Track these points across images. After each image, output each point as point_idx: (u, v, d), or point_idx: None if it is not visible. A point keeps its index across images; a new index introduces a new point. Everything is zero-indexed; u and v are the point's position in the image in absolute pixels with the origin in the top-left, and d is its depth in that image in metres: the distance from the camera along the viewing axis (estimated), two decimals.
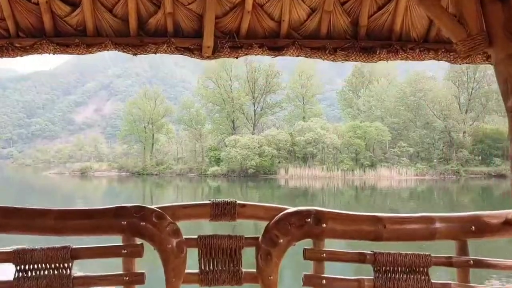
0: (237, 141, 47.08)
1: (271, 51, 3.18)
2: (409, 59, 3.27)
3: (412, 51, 3.22)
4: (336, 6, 3.15)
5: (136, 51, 3.12)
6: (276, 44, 3.19)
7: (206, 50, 3.11)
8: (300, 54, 3.17)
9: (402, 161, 49.18)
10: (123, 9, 3.09)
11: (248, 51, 3.15)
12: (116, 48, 3.10)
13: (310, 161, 49.31)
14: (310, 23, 3.19)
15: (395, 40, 3.23)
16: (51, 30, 3.08)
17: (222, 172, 47.72)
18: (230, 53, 3.14)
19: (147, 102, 60.27)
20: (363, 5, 3.14)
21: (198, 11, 3.12)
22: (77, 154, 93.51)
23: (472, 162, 50.43)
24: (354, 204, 29.63)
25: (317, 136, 47.71)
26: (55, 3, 3.03)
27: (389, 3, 3.17)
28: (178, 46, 3.13)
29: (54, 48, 3.06)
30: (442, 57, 3.24)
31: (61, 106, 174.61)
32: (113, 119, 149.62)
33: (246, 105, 57.46)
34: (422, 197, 34.63)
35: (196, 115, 58.13)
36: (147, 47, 3.10)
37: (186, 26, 3.16)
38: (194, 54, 3.16)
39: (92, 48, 3.10)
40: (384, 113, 55.99)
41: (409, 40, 3.25)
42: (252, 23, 3.16)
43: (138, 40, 3.12)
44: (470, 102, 55.37)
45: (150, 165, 54.24)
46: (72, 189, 41.04)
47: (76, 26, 3.11)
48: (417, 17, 3.22)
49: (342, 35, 3.22)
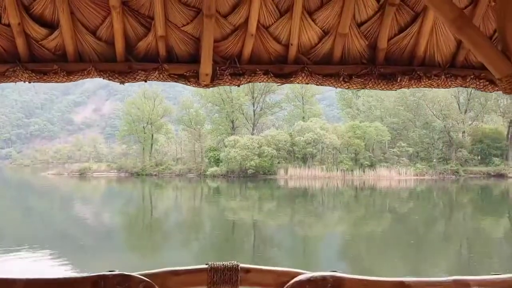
0: (237, 141, 47.03)
1: (277, 78, 2.86)
2: (433, 87, 2.98)
3: (437, 78, 2.90)
4: (352, 28, 2.83)
5: (124, 79, 2.76)
6: (282, 71, 2.88)
7: (204, 77, 2.78)
8: (310, 81, 2.87)
9: (402, 161, 49.20)
10: (108, 31, 2.74)
11: (252, 78, 2.83)
12: (101, 75, 2.75)
13: (310, 161, 49.29)
14: (322, 47, 2.88)
15: (418, 65, 2.92)
16: (25, 55, 2.73)
17: (222, 172, 47.67)
18: (231, 80, 2.81)
19: (146, 102, 60.16)
20: (382, 26, 2.82)
21: (194, 34, 2.79)
22: (76, 155, 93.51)
23: (471, 162, 50.47)
24: (354, 204, 29.60)
25: (316, 136, 47.69)
26: (29, 25, 2.67)
27: (412, 24, 2.86)
28: (171, 73, 2.80)
29: (29, 75, 2.71)
30: (470, 84, 2.93)
31: (60, 106, 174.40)
32: (112, 119, 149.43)
33: (245, 105, 57.40)
34: (422, 197, 34.63)
35: (195, 115, 58.05)
36: (136, 74, 2.76)
37: (181, 51, 2.83)
38: (190, 82, 2.83)
39: (73, 75, 2.75)
40: (383, 113, 55.99)
41: (433, 65, 2.94)
42: (256, 47, 2.84)
43: (125, 66, 2.77)
44: (469, 102, 55.40)
45: (149, 165, 54.16)
46: (71, 190, 40.95)
47: (55, 50, 2.77)
48: (444, 39, 2.91)
49: (358, 60, 2.91)
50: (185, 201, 31.86)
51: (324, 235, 18.69)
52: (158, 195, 36.67)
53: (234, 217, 22.82)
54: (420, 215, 24.52)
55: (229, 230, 19.15)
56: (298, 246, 16.07)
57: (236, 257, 9.99)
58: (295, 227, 19.97)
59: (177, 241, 17.20)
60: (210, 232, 19.33)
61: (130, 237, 18.33)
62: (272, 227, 20.03)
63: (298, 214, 24.03)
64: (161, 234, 18.77)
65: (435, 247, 15.62)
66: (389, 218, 23.14)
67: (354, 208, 27.80)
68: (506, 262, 13.19)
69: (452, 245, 16.17)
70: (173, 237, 18.06)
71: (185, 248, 15.85)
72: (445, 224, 21.36)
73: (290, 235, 18.33)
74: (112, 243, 16.66)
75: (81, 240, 16.64)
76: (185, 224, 21.55)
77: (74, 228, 19.56)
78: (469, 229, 19.90)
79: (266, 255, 14.26)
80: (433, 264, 12.99)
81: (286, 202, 29.75)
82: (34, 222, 20.80)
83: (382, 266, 12.80)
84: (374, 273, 11.89)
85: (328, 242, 17.26)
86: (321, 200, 31.76)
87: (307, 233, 18.50)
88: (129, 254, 14.68)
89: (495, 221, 21.86)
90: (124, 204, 29.99)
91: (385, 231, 19.18)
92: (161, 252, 14.98)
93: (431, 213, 25.20)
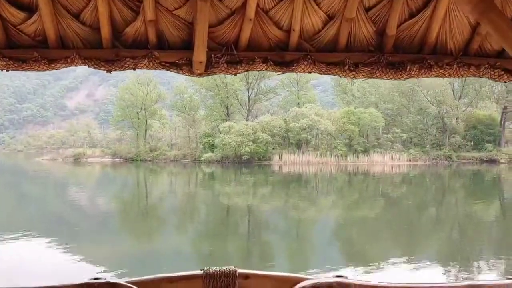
0: (231, 127, 47.02)
1: (278, 66, 2.64)
2: (445, 76, 2.80)
3: (449, 67, 2.72)
4: (360, 12, 2.61)
5: (110, 67, 2.55)
6: (283, 58, 2.66)
7: (198, 65, 2.57)
8: (313, 70, 2.66)
9: (395, 146, 49.57)
10: (92, 15, 2.50)
11: (250, 66, 2.63)
12: (85, 63, 2.53)
13: (304, 147, 49.49)
14: (326, 33, 2.67)
15: (428, 53, 2.73)
16: (2, 41, 2.50)
17: (216, 158, 47.76)
18: (227, 69, 2.61)
19: (139, 87, 59.76)
20: (392, 11, 2.61)
21: (187, 18, 2.56)
22: (69, 140, 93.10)
23: (464, 148, 50.96)
24: (347, 189, 29.87)
25: (311, 123, 47.80)
26: (5, 7, 2.44)
27: (425, 9, 2.65)
28: (162, 60, 2.59)
29: (7, 63, 2.49)
30: (484, 73, 2.77)
31: (52, 92, 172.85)
32: (105, 104, 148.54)
33: (240, 91, 57.23)
34: (414, 182, 35.00)
35: (189, 101, 57.83)
36: (123, 62, 2.54)
37: (172, 37, 2.61)
38: (182, 70, 2.62)
39: (55, 63, 2.53)
40: (378, 99, 56.15)
41: (445, 53, 2.75)
42: (255, 32, 2.63)
43: (112, 53, 2.55)
44: (463, 88, 55.64)
45: (143, 151, 54.11)
46: (66, 175, 40.90)
47: (34, 36, 2.53)
48: (458, 25, 2.71)
49: (364, 48, 2.71)
50: (180, 187, 31.98)
51: (318, 219, 18.92)
52: (153, 180, 36.74)
53: (229, 202, 22.98)
54: (413, 199, 24.83)
55: (224, 215, 19.31)
56: (292, 230, 16.28)
57: (231, 241, 10.15)
58: (290, 212, 20.17)
59: (173, 225, 17.34)
60: (205, 217, 19.49)
61: (126, 222, 18.44)
62: (266, 211, 20.22)
63: (292, 199, 24.25)
64: (156, 219, 18.90)
65: (427, 230, 15.89)
66: (382, 203, 23.41)
67: (347, 193, 28.08)
68: (496, 245, 13.47)
69: (443, 229, 16.45)
70: (169, 222, 18.20)
71: (181, 233, 16.00)
72: (437, 209, 21.66)
73: (285, 219, 18.53)
74: (108, 228, 16.76)
75: (77, 225, 16.74)
76: (180, 209, 21.68)
77: (70, 213, 19.62)
78: (460, 213, 20.22)
79: (261, 239, 14.46)
80: (424, 247, 13.25)
81: (281, 188, 29.96)
82: (28, 208, 20.84)
83: (374, 248, 13.02)
84: (366, 254, 12.12)
85: (321, 226, 17.49)
86: (315, 185, 32.01)
87: (301, 217, 18.71)
88: (126, 239, 14.80)
89: (486, 206, 22.20)
90: (119, 190, 30.05)
91: (378, 215, 19.44)
92: (157, 236, 15.13)
93: (423, 198, 25.52)
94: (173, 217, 19.34)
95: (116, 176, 40.91)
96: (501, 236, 15.27)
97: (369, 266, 10.86)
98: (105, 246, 12.96)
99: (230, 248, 13.08)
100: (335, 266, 10.56)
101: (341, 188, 30.73)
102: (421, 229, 16.16)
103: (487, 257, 11.94)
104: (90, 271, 10.07)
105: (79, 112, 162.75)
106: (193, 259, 12.13)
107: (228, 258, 11.99)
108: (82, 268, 10.41)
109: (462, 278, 9.73)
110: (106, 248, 12.69)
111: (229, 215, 19.42)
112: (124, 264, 10.85)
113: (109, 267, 10.28)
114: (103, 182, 35.86)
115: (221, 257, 11.94)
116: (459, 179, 36.83)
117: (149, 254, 12.23)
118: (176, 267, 11.45)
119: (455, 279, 9.97)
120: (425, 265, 10.80)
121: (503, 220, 18.63)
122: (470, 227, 16.78)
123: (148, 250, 12.69)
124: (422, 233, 15.41)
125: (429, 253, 12.37)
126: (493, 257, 11.87)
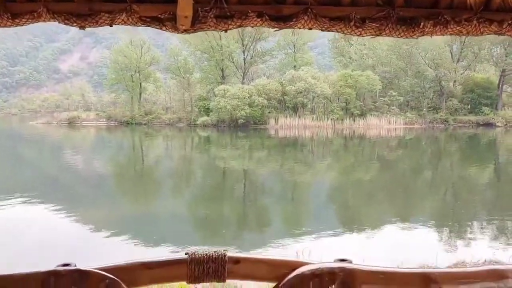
0: (227, 90, 46.48)
1: (274, 21, 2.35)
2: (463, 34, 2.54)
3: (468, 23, 2.44)
4: None
5: (83, 23, 2.26)
6: (280, 12, 2.36)
7: (183, 20, 2.27)
8: (315, 26, 2.36)
9: (392, 110, 49.41)
10: None
11: (242, 21, 2.33)
12: (55, 18, 2.24)
13: (301, 110, 49.23)
14: None
15: (444, 8, 2.45)
16: None
17: (212, 122, 47.53)
18: (216, 24, 2.31)
19: (133, 50, 58.46)
20: None
21: None
22: (64, 104, 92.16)
23: (461, 111, 50.89)
24: (343, 153, 29.96)
25: (307, 86, 47.30)
26: None
27: None
28: (142, 15, 2.28)
29: None
30: (507, 30, 2.50)
31: (45, 54, 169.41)
32: (99, 67, 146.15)
33: (235, 53, 56.16)
34: (410, 145, 35.14)
35: (184, 64, 56.81)
36: (98, 18, 2.24)
37: None
38: (165, 26, 2.32)
39: (19, 18, 2.24)
40: (375, 61, 55.38)
41: (463, 8, 2.47)
42: None
43: (85, 8, 2.25)
44: (462, 51, 54.85)
45: (138, 114, 53.70)
46: (61, 139, 40.70)
47: None
48: None
49: (372, 1, 2.42)
50: (175, 150, 31.94)
51: (314, 182, 19.02)
52: (149, 144, 36.66)
53: (225, 166, 23.01)
54: (408, 163, 24.98)
55: (220, 179, 19.37)
56: (288, 193, 16.38)
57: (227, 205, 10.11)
58: (285, 175, 20.25)
59: (169, 189, 17.40)
60: (201, 180, 19.55)
61: (122, 185, 18.47)
62: (262, 175, 20.28)
63: (288, 163, 24.31)
64: (153, 182, 18.94)
65: (421, 193, 16.04)
66: (377, 166, 23.53)
67: (343, 156, 28.17)
68: (490, 207, 13.64)
69: (438, 192, 16.60)
70: (165, 185, 18.25)
71: (177, 196, 16.07)
72: (432, 172, 21.82)
73: (280, 182, 18.62)
74: (104, 191, 16.79)
75: (73, 188, 16.75)
76: (176, 173, 21.72)
77: (66, 176, 19.61)
78: (455, 176, 20.39)
79: (257, 202, 14.54)
80: (419, 209, 13.39)
81: (277, 151, 29.99)
82: (25, 171, 20.78)
83: (369, 210, 13.15)
84: (361, 217, 12.24)
85: (317, 189, 17.60)
86: (310, 149, 32.07)
87: (297, 180, 18.80)
88: (122, 202, 14.84)
89: (481, 169, 22.38)
90: (115, 153, 30.01)
91: (373, 178, 19.57)
92: (153, 200, 15.19)
93: (419, 161, 25.67)
94: (169, 181, 19.39)
95: (111, 140, 40.77)
96: (495, 198, 15.44)
97: (364, 228, 10.97)
98: (102, 209, 13.00)
99: (226, 212, 13.17)
100: (331, 231, 10.65)
101: (337, 151, 30.81)
102: (416, 192, 16.30)
103: (480, 218, 12.10)
104: (86, 232, 10.12)
105: (72, 75, 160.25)
106: (189, 222, 12.22)
107: (224, 221, 12.07)
108: (80, 230, 10.46)
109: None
110: (102, 211, 12.73)
111: (225, 178, 19.47)
112: (121, 226, 10.90)
113: (107, 229, 10.33)
114: (98, 145, 35.75)
115: (217, 220, 12.02)
116: (455, 143, 36.99)
117: (145, 216, 12.29)
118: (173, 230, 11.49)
119: (447, 238, 10.11)
120: (419, 226, 10.93)
121: (497, 182, 18.82)
122: (464, 190, 16.94)
123: (144, 213, 12.74)
124: (417, 195, 15.56)
125: (424, 215, 12.50)
126: (486, 218, 12.03)
